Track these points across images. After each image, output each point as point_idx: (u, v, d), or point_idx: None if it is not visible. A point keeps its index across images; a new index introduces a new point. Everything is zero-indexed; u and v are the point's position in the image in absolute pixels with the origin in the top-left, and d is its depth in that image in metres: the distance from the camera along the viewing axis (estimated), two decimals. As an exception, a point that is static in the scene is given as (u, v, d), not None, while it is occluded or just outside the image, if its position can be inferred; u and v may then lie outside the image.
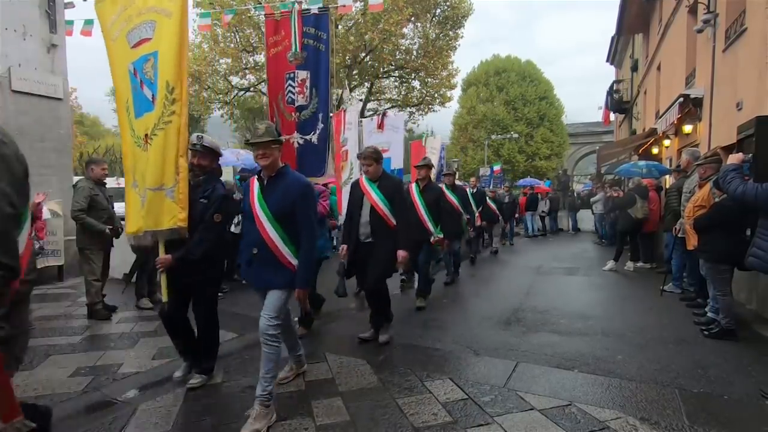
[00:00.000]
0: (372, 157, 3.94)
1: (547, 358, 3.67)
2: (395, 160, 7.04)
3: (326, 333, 4.44)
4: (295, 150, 4.61)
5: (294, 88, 4.65)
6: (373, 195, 3.91)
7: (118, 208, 5.44)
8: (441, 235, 5.21)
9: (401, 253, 3.84)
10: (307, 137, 4.62)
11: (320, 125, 4.58)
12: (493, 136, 25.89)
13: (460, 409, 2.83)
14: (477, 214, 8.21)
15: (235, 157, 8.80)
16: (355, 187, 4.12)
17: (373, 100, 19.48)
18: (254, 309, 3.16)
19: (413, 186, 5.42)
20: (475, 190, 8.88)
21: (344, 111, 6.83)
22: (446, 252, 6.54)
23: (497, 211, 9.89)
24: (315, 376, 3.37)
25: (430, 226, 5.15)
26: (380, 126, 7.11)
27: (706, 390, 3.06)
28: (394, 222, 3.90)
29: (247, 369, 3.49)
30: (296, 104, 4.65)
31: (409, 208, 4.30)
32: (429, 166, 5.68)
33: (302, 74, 4.65)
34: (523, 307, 5.38)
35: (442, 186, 6.44)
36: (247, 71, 17.68)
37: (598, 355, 3.73)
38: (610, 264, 7.86)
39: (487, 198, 9.80)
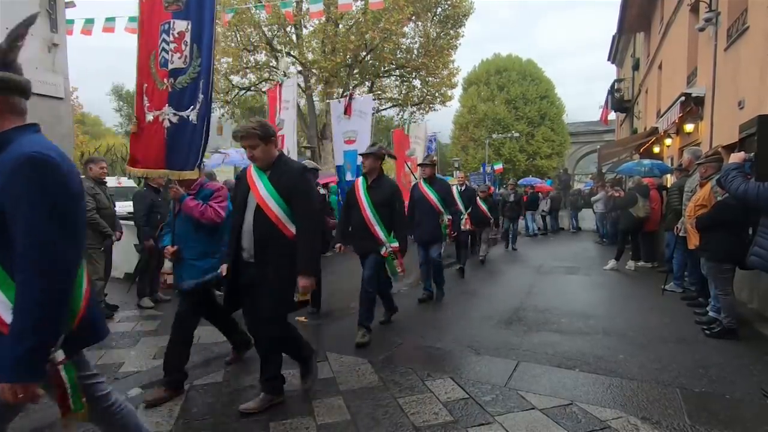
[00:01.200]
0: (255, 135, 2.70)
1: (548, 358, 3.67)
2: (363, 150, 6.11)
3: (327, 332, 4.44)
4: (164, 131, 3.19)
5: (169, 44, 3.25)
6: (261, 189, 2.73)
7: (120, 207, 5.46)
8: (395, 244, 4.11)
9: (302, 281, 2.66)
10: (184, 114, 3.20)
11: (200, 97, 3.19)
12: (494, 136, 25.86)
13: (461, 408, 2.83)
14: (465, 217, 7.29)
15: (240, 156, 8.82)
16: (241, 179, 3.00)
17: (374, 99, 19.48)
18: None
19: (359, 181, 4.33)
20: (463, 188, 7.71)
21: (280, 86, 5.71)
22: (423, 262, 5.51)
23: (488, 213, 8.52)
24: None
25: (379, 232, 4.08)
26: (347, 111, 6.29)
27: (707, 389, 3.06)
28: (292, 231, 2.72)
29: (249, 368, 3.48)
30: (170, 67, 3.23)
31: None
32: (433, 164, 5.31)
33: (180, 25, 3.26)
34: (523, 306, 5.38)
35: (428, 179, 5.49)
36: (247, 70, 17.68)
37: (599, 355, 3.73)
38: (612, 263, 7.85)
39: (478, 198, 8.55)
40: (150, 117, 3.18)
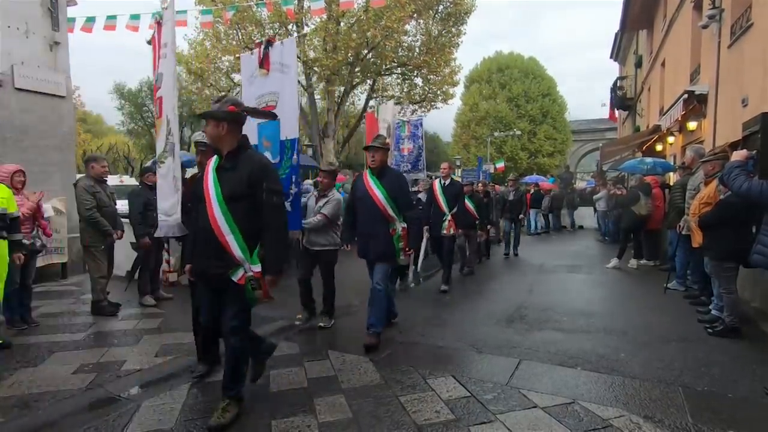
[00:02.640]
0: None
1: (550, 356, 3.66)
2: (287, 123, 4.19)
3: (329, 330, 4.44)
4: None
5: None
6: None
7: (121, 205, 5.46)
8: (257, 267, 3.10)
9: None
10: None
11: None
12: (496, 134, 25.82)
13: (463, 406, 2.83)
14: (449, 219, 5.94)
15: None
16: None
17: (376, 97, 19.44)
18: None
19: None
20: (447, 182, 6.12)
21: (159, 25, 4.07)
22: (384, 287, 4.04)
23: (476, 214, 7.05)
24: (317, 374, 3.37)
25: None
26: (264, 64, 4.42)
27: (709, 388, 3.05)
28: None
29: (249, 366, 3.49)
30: None
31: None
32: (385, 148, 4.03)
33: None
34: (525, 304, 5.37)
35: (375, 169, 4.08)
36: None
37: (601, 353, 3.72)
38: (614, 261, 7.83)
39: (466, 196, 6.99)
40: None
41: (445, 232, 6.02)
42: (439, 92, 18.65)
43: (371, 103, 19.16)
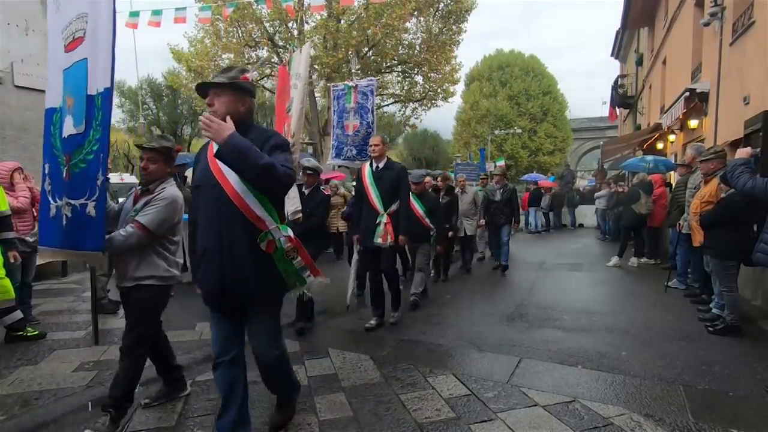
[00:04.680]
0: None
1: (551, 354, 3.66)
2: (99, 66, 2.60)
3: (329, 328, 4.44)
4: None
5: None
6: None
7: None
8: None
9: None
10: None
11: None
12: (496, 132, 25.78)
13: (463, 404, 2.83)
14: (385, 221, 4.16)
15: None
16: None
17: (376, 95, 19.44)
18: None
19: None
20: (381, 166, 4.28)
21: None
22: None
23: (427, 221, 5.27)
24: (318, 372, 3.37)
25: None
26: None
27: (710, 386, 3.05)
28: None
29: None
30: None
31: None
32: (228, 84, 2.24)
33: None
34: (526, 303, 5.37)
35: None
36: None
37: (602, 351, 3.71)
38: (615, 260, 7.82)
39: (424, 195, 5.48)
40: None
41: (380, 240, 4.15)
42: (439, 90, 18.61)
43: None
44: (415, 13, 16.09)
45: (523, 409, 2.76)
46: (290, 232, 2.27)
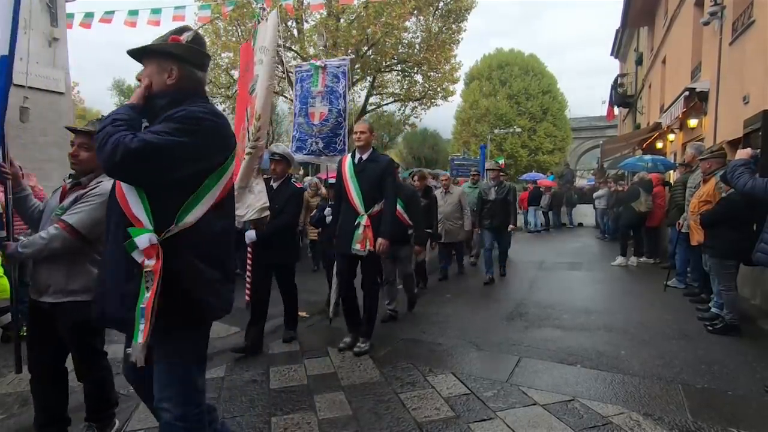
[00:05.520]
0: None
1: (550, 353, 3.66)
2: None
3: (328, 327, 4.44)
4: None
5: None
6: None
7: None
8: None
9: None
10: None
11: None
12: (496, 131, 25.76)
13: (463, 403, 2.83)
14: (364, 223, 3.51)
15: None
16: None
17: (376, 94, 19.39)
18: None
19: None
20: (365, 157, 3.68)
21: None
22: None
23: (405, 217, 4.52)
24: (317, 371, 3.37)
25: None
26: None
27: (709, 385, 3.05)
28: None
29: (250, 363, 3.49)
30: None
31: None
32: None
33: None
34: (525, 302, 5.37)
35: None
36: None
37: (601, 351, 3.72)
38: (620, 260, 7.84)
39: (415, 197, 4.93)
40: None
41: (358, 247, 3.48)
42: (439, 89, 18.59)
43: (371, 99, 19.13)
44: (415, 12, 16.07)
45: (522, 408, 2.77)
46: (152, 246, 1.56)
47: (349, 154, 3.82)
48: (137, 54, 1.73)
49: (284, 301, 4.08)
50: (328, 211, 4.30)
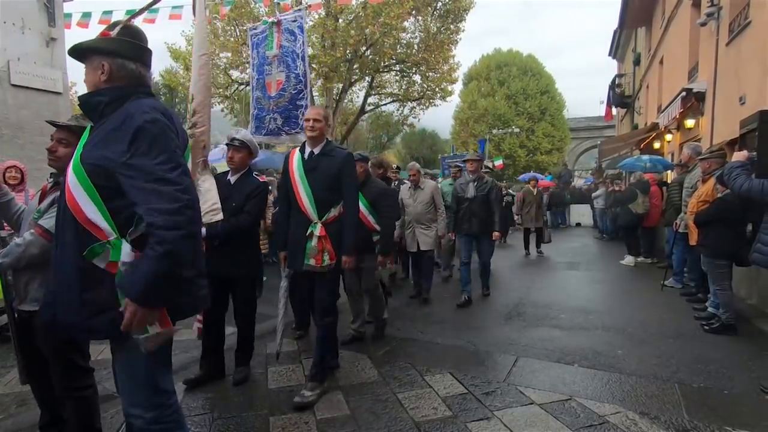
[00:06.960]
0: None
1: (548, 353, 3.68)
2: None
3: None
4: None
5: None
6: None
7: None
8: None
9: None
10: None
11: None
12: (494, 131, 25.80)
13: (460, 403, 2.84)
14: (318, 233, 2.84)
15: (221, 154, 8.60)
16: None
17: (374, 95, 19.40)
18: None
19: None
20: (317, 151, 2.98)
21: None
22: None
23: (370, 219, 3.80)
24: (315, 371, 3.37)
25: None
26: None
27: (706, 385, 3.07)
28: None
29: (250, 363, 3.48)
30: None
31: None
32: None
33: None
34: (523, 301, 5.38)
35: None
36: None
37: (599, 350, 3.73)
38: (628, 259, 7.86)
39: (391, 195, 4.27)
40: None
41: (312, 262, 2.83)
42: (437, 89, 18.61)
43: (370, 100, 19.13)
44: (413, 12, 16.08)
45: (519, 407, 2.78)
46: (129, 255, 1.47)
47: (298, 148, 3.09)
48: (75, 56, 1.70)
49: (237, 324, 3.28)
50: None
